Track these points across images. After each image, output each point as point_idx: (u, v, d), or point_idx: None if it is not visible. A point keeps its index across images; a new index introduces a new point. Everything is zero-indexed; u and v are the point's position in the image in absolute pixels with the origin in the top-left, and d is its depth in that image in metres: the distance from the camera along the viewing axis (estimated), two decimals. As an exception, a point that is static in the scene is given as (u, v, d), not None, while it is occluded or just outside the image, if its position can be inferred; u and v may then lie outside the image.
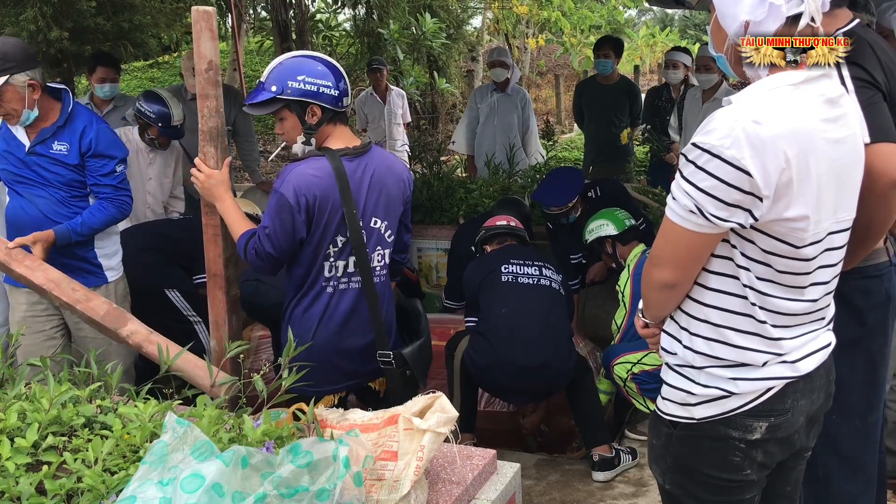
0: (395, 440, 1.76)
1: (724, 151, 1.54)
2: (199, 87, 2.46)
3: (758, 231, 1.61)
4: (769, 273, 1.64)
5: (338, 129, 2.58)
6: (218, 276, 2.55)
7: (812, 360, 1.73)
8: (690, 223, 1.61)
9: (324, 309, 2.59)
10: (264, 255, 2.48)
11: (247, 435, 1.67)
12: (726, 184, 1.55)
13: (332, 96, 2.50)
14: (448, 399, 1.81)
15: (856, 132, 1.68)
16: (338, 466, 1.41)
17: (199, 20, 2.41)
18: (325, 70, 2.51)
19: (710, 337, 1.70)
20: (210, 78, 2.45)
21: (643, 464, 3.68)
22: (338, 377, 2.64)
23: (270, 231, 2.47)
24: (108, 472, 1.57)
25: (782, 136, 1.53)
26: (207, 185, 2.53)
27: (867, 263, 2.34)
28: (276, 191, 2.48)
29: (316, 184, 2.47)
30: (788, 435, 1.74)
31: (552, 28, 15.46)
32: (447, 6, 11.75)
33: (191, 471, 1.32)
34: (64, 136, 3.20)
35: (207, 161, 2.53)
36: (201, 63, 2.43)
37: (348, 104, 2.57)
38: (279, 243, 2.47)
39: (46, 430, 1.70)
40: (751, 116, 1.53)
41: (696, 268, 1.68)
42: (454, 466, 1.91)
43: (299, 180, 2.46)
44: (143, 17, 6.85)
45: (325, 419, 1.85)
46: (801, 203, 1.57)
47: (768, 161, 1.52)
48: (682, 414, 1.76)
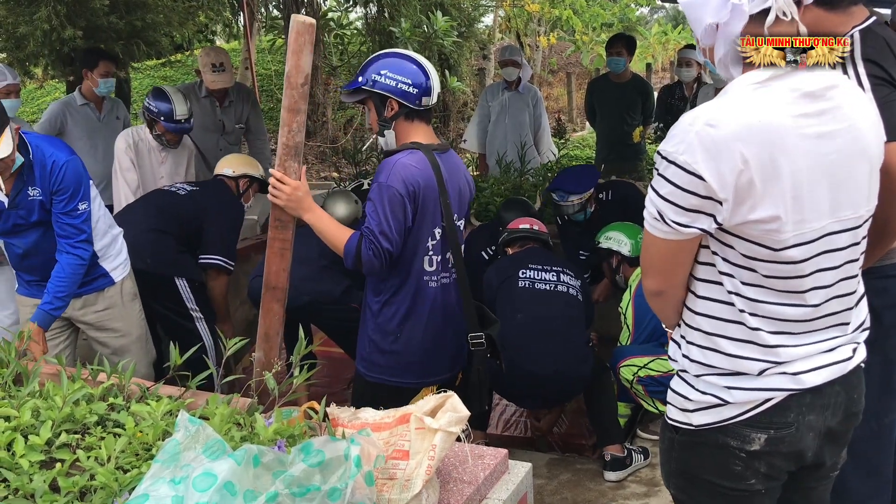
0: (407, 439, 1.75)
1: (678, 157, 1.53)
2: (291, 101, 2.38)
3: (732, 235, 1.58)
4: (755, 278, 1.60)
5: (415, 125, 2.64)
6: (278, 288, 2.51)
7: (821, 374, 1.65)
8: (657, 231, 1.61)
9: (431, 304, 2.67)
10: (382, 252, 2.50)
11: (258, 433, 1.68)
12: (682, 189, 1.53)
13: (410, 94, 2.58)
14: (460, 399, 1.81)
15: (853, 124, 1.61)
16: (349, 466, 1.41)
17: (302, 33, 2.33)
18: (411, 69, 2.61)
19: (704, 345, 1.68)
20: (304, 93, 2.40)
21: (655, 464, 3.66)
22: (439, 369, 2.75)
23: (384, 227, 2.49)
24: (120, 469, 1.58)
25: (738, 135, 1.49)
26: (295, 197, 2.47)
27: (884, 263, 2.30)
28: (383, 184, 2.52)
29: (419, 174, 2.55)
30: (797, 450, 1.68)
31: (564, 26, 15.42)
32: (459, 4, 11.72)
33: (203, 469, 1.32)
34: (34, 179, 2.95)
35: (290, 175, 2.48)
36: (298, 77, 2.37)
37: (429, 104, 2.64)
38: (394, 238, 2.52)
39: (60, 428, 1.72)
40: (705, 119, 1.52)
41: (678, 274, 1.67)
42: (465, 466, 1.91)
43: (405, 171, 2.53)
44: (155, 16, 6.88)
45: (336, 418, 1.85)
46: (769, 204, 1.52)
47: (722, 163, 1.49)
48: (682, 420, 1.74)
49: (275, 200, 2.49)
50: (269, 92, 13.26)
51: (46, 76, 12.17)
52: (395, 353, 2.67)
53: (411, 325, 2.66)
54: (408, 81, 2.58)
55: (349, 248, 2.54)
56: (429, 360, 2.71)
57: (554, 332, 3.60)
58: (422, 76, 2.61)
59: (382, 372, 2.69)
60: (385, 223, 2.49)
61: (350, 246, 2.54)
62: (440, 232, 2.64)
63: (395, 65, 2.61)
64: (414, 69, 2.61)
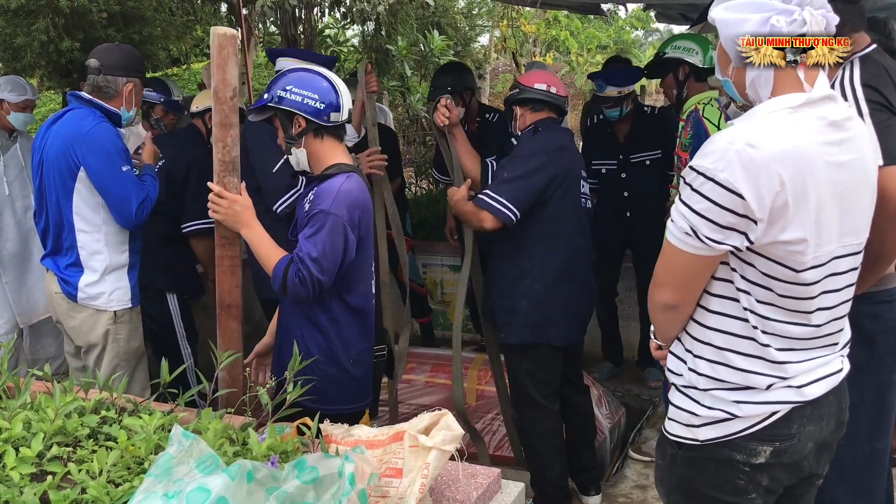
0: (401, 457, 1.75)
1: (717, 174, 1.55)
2: (222, 116, 2.35)
3: (756, 254, 1.61)
4: (770, 297, 1.64)
5: (326, 143, 2.53)
6: (233, 306, 2.49)
7: (820, 386, 1.71)
8: (687, 245, 1.62)
9: (364, 325, 2.61)
10: (311, 281, 2.36)
11: (252, 449, 1.67)
12: (720, 206, 1.55)
13: (317, 109, 2.48)
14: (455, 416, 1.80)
15: (863, 155, 1.67)
16: (343, 483, 1.41)
17: (225, 45, 2.30)
18: (320, 84, 2.50)
19: (713, 359, 1.70)
20: (234, 106, 2.37)
21: (647, 485, 3.66)
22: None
23: (319, 255, 2.35)
24: (112, 483, 1.56)
25: (776, 158, 1.53)
26: (232, 211, 2.43)
27: (879, 288, 2.33)
28: (325, 212, 2.38)
29: (362, 199, 2.48)
30: (796, 461, 1.72)
31: (560, 47, 15.52)
32: (455, 24, 11.80)
33: (196, 484, 1.32)
34: None
35: (229, 190, 2.44)
36: (226, 91, 2.33)
37: (339, 119, 2.52)
38: (329, 267, 2.38)
39: (51, 441, 1.70)
40: (745, 139, 1.54)
41: (696, 289, 1.69)
42: (458, 484, 1.90)
43: (349, 198, 2.42)
44: (153, 30, 6.88)
45: (330, 434, 1.84)
46: (797, 226, 1.56)
47: (762, 184, 1.52)
48: (686, 435, 1.76)
49: (213, 215, 2.47)
50: (265, 107, 13.28)
51: (42, 87, 12.17)
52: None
53: (359, 346, 2.60)
54: (314, 97, 2.48)
55: (277, 270, 2.41)
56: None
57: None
58: (331, 92, 2.50)
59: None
60: (321, 252, 2.36)
61: (279, 269, 2.40)
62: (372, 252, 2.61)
63: (302, 80, 2.51)
64: (323, 85, 2.50)
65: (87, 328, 3.25)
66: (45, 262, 3.31)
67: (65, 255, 3.24)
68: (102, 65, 3.18)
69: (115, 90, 3.20)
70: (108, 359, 3.28)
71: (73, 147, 3.09)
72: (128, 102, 3.23)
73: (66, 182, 3.13)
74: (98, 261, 3.21)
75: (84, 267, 3.21)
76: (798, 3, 1.59)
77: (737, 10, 1.62)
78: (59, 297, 3.25)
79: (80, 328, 3.26)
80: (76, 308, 3.24)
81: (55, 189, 3.16)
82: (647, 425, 4.29)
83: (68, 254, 3.23)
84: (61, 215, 3.19)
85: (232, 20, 9.32)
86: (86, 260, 3.20)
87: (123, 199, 3.11)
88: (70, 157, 3.10)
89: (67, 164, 3.11)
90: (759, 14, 1.59)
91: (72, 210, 3.16)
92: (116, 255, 3.24)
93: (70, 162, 3.10)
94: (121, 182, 3.10)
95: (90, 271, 3.21)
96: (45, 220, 3.27)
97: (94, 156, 3.07)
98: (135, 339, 3.35)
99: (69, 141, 3.10)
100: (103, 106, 3.19)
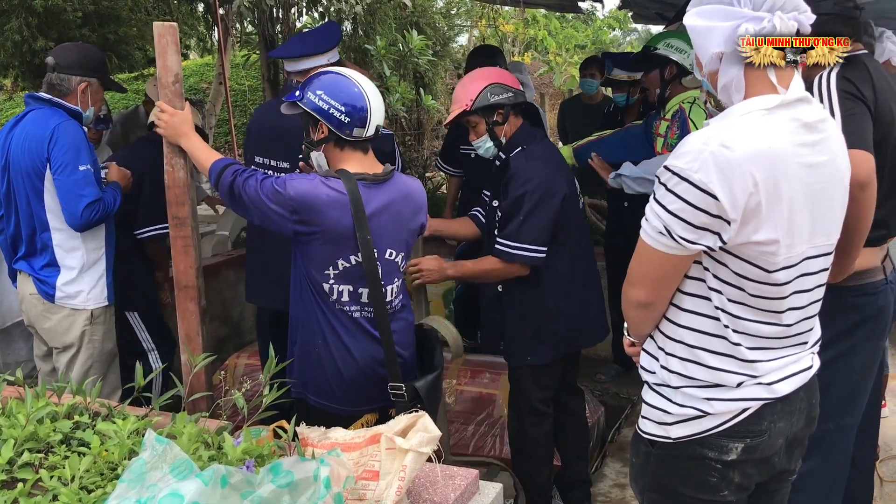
0: (377, 459, 1.74)
1: (691, 175, 1.55)
2: (166, 100, 2.49)
3: (729, 254, 1.62)
4: (742, 296, 1.65)
5: (346, 153, 2.44)
6: (189, 287, 2.51)
7: (790, 383, 1.73)
8: (660, 244, 1.63)
9: (337, 332, 2.46)
10: (239, 194, 2.39)
11: (227, 453, 1.65)
12: (694, 206, 1.56)
13: (342, 122, 2.38)
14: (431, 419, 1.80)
15: (836, 157, 1.69)
16: (318, 487, 1.40)
17: (164, 35, 2.44)
18: (351, 95, 2.39)
19: (685, 357, 1.71)
20: (176, 90, 2.50)
21: (626, 483, 3.67)
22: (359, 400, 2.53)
23: (257, 185, 2.37)
24: (85, 490, 1.54)
25: (750, 159, 1.54)
26: (172, 122, 2.47)
27: (864, 281, 2.41)
28: (285, 179, 2.36)
29: (326, 200, 2.34)
30: (766, 457, 1.74)
31: (538, 47, 15.55)
32: (434, 24, 11.79)
33: (169, 490, 1.30)
34: None
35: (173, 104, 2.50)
36: (168, 76, 2.47)
37: (362, 135, 2.41)
38: (255, 201, 2.37)
39: (22, 447, 1.68)
40: (720, 140, 1.55)
41: (669, 288, 1.70)
42: (436, 486, 1.90)
43: (308, 189, 2.34)
44: (129, 30, 6.84)
45: (306, 437, 1.83)
46: (770, 227, 1.57)
47: (735, 185, 1.53)
48: (659, 433, 1.77)
49: (158, 130, 2.52)
50: (243, 107, 13.21)
51: (16, 87, 12.03)
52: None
53: (319, 347, 2.48)
54: (342, 109, 2.37)
55: (215, 167, 2.45)
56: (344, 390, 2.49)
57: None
58: (360, 108, 2.38)
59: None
60: (259, 184, 2.36)
61: (216, 166, 2.45)
62: (356, 260, 2.39)
63: (334, 88, 2.39)
64: (354, 99, 2.38)
65: (62, 329, 3.22)
66: (19, 265, 3.26)
67: (39, 256, 3.20)
68: (57, 63, 3.17)
69: (69, 88, 3.18)
70: (82, 360, 3.25)
71: (40, 146, 3.05)
72: (82, 102, 3.21)
73: (35, 183, 3.10)
74: (75, 258, 3.18)
75: (60, 266, 3.18)
76: (768, 8, 1.59)
77: (707, 18, 1.63)
78: (34, 298, 3.22)
79: (56, 329, 3.23)
80: (52, 309, 3.21)
81: (24, 190, 3.12)
82: (626, 424, 4.31)
83: (42, 254, 3.19)
84: (33, 216, 3.15)
85: (209, 20, 9.26)
86: (62, 258, 3.17)
87: (73, 194, 3.06)
88: (38, 157, 3.06)
89: (34, 164, 3.07)
90: (729, 22, 1.60)
91: (44, 209, 3.13)
92: (93, 250, 3.22)
93: (38, 161, 3.06)
94: (76, 178, 3.06)
95: (67, 269, 3.18)
96: (15, 223, 3.22)
97: (59, 149, 3.05)
98: (109, 341, 3.32)
99: (37, 140, 3.07)
100: (65, 104, 3.16)
